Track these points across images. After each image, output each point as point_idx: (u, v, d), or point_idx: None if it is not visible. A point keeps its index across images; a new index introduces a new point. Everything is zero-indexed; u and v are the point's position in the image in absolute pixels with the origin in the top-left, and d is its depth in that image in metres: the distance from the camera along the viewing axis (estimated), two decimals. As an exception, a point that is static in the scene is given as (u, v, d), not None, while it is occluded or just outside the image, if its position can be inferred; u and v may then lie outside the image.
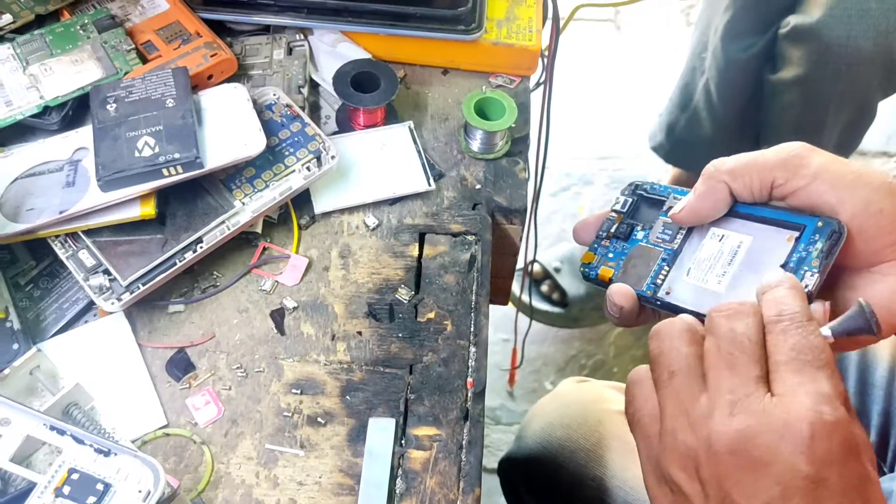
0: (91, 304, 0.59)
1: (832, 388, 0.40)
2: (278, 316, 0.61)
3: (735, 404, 0.41)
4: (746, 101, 1.37)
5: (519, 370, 1.56)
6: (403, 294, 0.62)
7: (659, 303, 0.52)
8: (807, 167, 0.49)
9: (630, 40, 2.04)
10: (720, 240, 0.52)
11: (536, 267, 1.50)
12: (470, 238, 0.66)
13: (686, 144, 1.48)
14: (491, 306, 0.64)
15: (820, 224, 0.48)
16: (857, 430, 0.41)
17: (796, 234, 0.49)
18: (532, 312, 1.41)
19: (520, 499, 0.91)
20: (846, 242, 0.48)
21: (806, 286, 0.47)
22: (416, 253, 0.65)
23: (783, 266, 0.49)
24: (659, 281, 0.53)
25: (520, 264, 0.89)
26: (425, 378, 0.59)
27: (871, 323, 0.42)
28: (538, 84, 0.80)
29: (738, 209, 0.52)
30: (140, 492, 0.48)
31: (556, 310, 1.52)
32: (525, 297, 1.37)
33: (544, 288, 1.53)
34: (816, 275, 0.47)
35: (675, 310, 0.51)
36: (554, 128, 0.84)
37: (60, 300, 0.59)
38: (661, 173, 1.72)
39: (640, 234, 0.56)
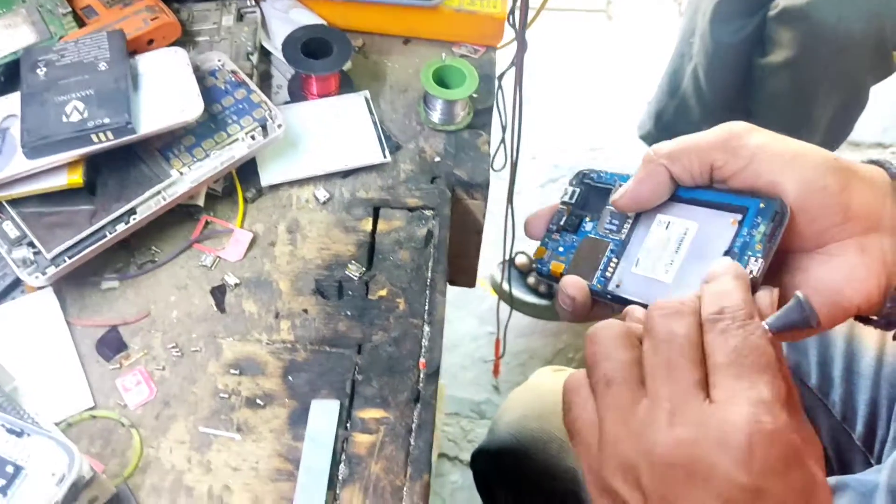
0: (19, 281, 0.56)
1: (773, 393, 0.38)
2: (219, 293, 0.57)
3: (674, 413, 0.39)
4: (735, 86, 1.33)
5: (505, 364, 1.53)
6: (354, 270, 0.59)
7: (610, 296, 0.49)
8: (745, 147, 0.45)
9: (621, 31, 2.00)
10: (666, 227, 0.48)
11: (523, 258, 1.47)
12: (427, 213, 0.62)
13: (674, 132, 1.43)
14: (475, 295, 0.60)
15: (762, 205, 0.45)
16: (803, 433, 0.39)
17: (739, 216, 0.46)
18: (513, 302, 1.38)
19: (492, 492, 0.87)
20: (791, 224, 0.45)
21: (750, 272, 0.43)
22: (369, 228, 0.61)
23: (727, 252, 0.45)
24: (608, 273, 0.49)
25: (500, 255, 0.86)
26: (374, 358, 0.56)
27: (808, 317, 0.40)
28: (511, 64, 0.76)
29: (682, 194, 0.48)
30: (53, 475, 0.45)
31: (543, 302, 1.49)
32: (506, 286, 1.34)
33: (531, 280, 1.49)
34: (760, 260, 0.44)
35: (626, 303, 0.47)
36: (542, 119, 0.81)
37: (-14, 275, 0.55)
38: (651, 163, 1.69)
39: (588, 226, 0.52)
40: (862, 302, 0.45)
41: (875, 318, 0.47)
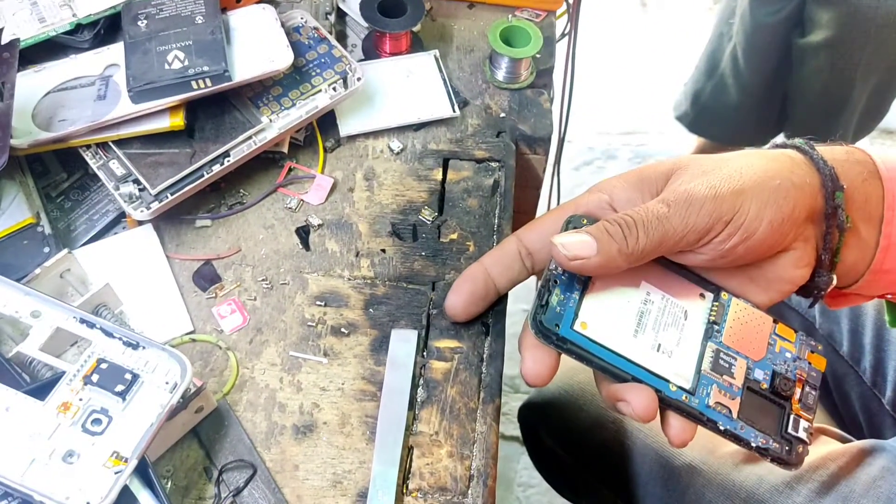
0: (120, 218, 0.60)
1: None
2: (303, 232, 0.61)
3: None
4: (774, 67, 1.35)
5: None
6: (427, 215, 0.63)
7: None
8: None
9: (656, 17, 2.03)
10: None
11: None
12: (493, 164, 0.66)
13: (711, 112, 1.48)
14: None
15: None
16: None
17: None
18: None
19: (539, 441, 0.91)
20: (757, 249, 0.50)
21: None
22: (439, 177, 0.65)
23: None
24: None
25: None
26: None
27: None
28: (563, 35, 0.80)
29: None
30: (167, 384, 0.49)
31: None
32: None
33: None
34: None
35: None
36: (577, 102, 0.85)
37: (90, 212, 0.60)
38: (685, 147, 1.71)
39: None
40: (804, 279, 0.53)
41: (805, 286, 0.54)
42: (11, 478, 0.43)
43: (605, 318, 0.50)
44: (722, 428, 0.49)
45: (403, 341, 0.57)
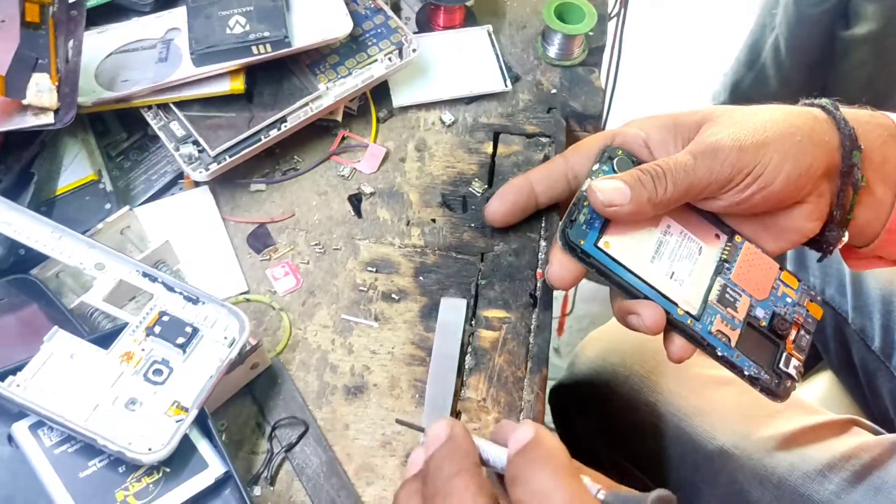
0: (177, 179, 0.61)
1: None
2: (356, 200, 0.62)
3: None
4: (816, 59, 1.35)
5: (567, 328, 1.56)
6: (477, 187, 0.63)
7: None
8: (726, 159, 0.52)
9: (694, 4, 2.01)
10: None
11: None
12: (544, 140, 0.66)
13: (750, 103, 1.46)
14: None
15: None
16: None
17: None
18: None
19: (570, 421, 0.92)
20: (773, 201, 0.53)
21: None
22: (489, 150, 0.66)
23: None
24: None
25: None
26: (496, 266, 0.60)
27: None
28: (612, 15, 0.80)
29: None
30: (226, 339, 0.50)
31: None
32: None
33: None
34: None
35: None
36: (620, 82, 0.85)
37: (149, 172, 0.61)
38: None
39: None
40: (814, 232, 0.55)
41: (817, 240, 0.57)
42: (76, 421, 0.45)
43: (627, 241, 0.54)
44: (719, 354, 0.54)
45: (453, 309, 0.58)
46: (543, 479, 0.36)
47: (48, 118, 0.53)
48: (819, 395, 1.02)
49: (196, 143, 0.58)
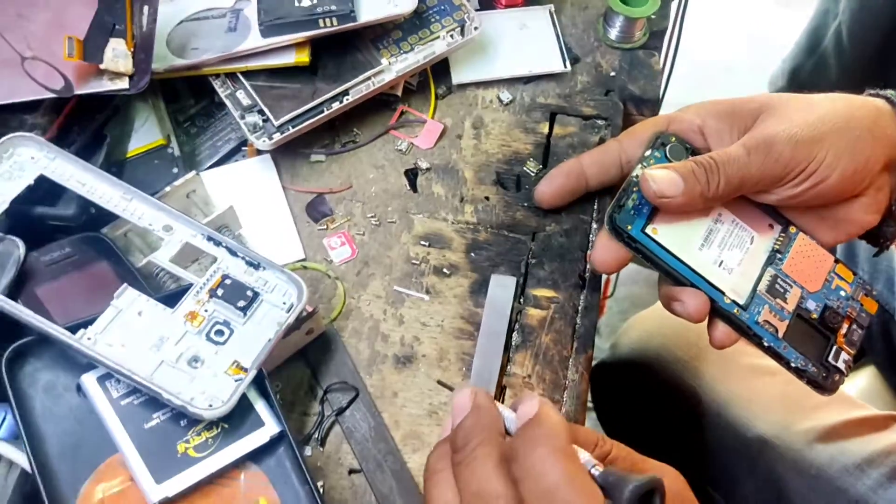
0: (240, 147, 0.63)
1: None
2: (412, 175, 0.63)
3: None
4: (879, 48, 1.31)
5: (607, 310, 1.56)
6: (531, 167, 0.64)
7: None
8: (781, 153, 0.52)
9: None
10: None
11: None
12: (600, 122, 0.67)
13: (809, 91, 1.44)
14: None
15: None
16: None
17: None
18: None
19: (609, 402, 0.93)
20: (831, 193, 0.53)
21: None
22: (545, 131, 0.66)
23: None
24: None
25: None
26: (546, 245, 0.61)
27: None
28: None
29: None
30: (284, 304, 0.52)
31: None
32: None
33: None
34: None
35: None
36: (674, 72, 0.84)
37: (214, 139, 0.63)
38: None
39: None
40: (871, 225, 0.55)
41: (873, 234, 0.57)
42: (142, 375, 0.47)
43: (675, 228, 0.54)
44: (766, 344, 0.54)
45: (502, 286, 0.59)
46: (540, 458, 0.37)
47: (123, 83, 0.55)
48: (862, 389, 1.02)
49: (261, 112, 0.60)
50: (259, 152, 0.62)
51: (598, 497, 0.37)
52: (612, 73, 0.69)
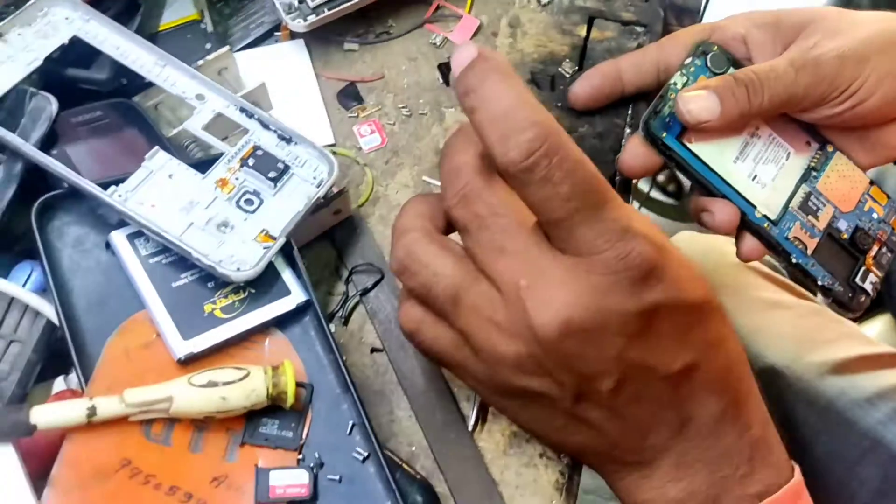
0: (273, 31, 0.62)
1: (622, 221, 0.35)
2: (445, 68, 0.63)
3: (536, 289, 0.36)
4: (917, -1, 1.29)
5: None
6: (567, 68, 0.63)
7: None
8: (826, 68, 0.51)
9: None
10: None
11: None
12: (639, 29, 0.65)
13: (858, 8, 1.41)
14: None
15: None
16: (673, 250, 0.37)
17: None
18: (644, 199, 1.40)
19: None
20: (867, 111, 0.51)
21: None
22: (583, 34, 0.65)
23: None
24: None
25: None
26: (579, 146, 0.60)
27: None
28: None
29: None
30: (314, 179, 0.51)
31: (669, 201, 1.51)
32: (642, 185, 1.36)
33: (661, 178, 1.51)
34: None
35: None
36: None
37: (247, 21, 0.62)
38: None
39: None
40: None
41: None
42: (172, 233, 0.47)
43: (711, 140, 0.53)
44: (794, 261, 0.53)
45: (533, 182, 0.58)
46: (492, 84, 0.36)
47: (161, -52, 0.54)
48: (877, 334, 1.02)
49: (297, -8, 0.59)
50: (293, 36, 0.61)
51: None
52: (654, -20, 0.68)
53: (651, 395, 0.39)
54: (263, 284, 0.48)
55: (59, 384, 0.47)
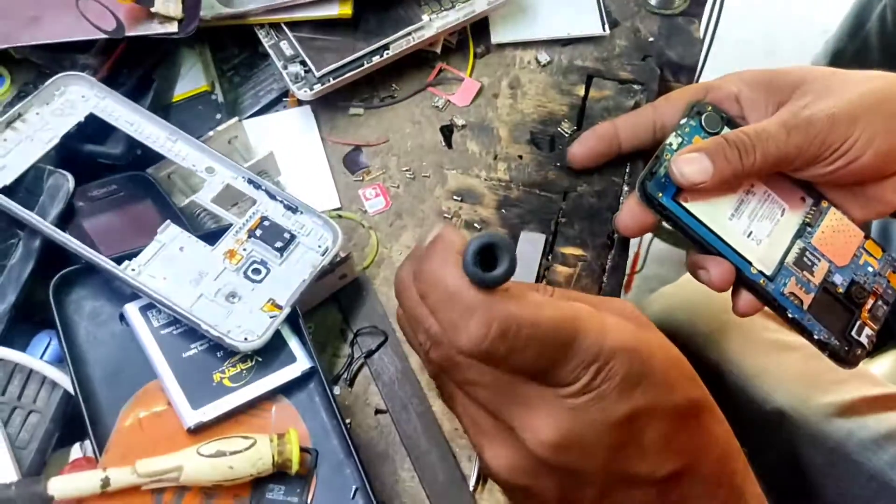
0: (281, 97, 0.65)
1: (594, 348, 0.35)
2: (447, 131, 0.65)
3: (522, 420, 0.37)
4: (924, 32, 1.29)
5: (635, 287, 1.55)
6: (565, 128, 0.65)
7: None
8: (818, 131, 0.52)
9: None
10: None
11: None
12: (636, 87, 0.67)
13: (850, 73, 1.42)
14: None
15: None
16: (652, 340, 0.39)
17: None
18: (658, 230, 1.41)
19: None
20: (860, 168, 0.52)
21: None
22: (581, 93, 0.67)
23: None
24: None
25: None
26: (577, 205, 0.62)
27: None
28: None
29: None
30: (320, 247, 0.54)
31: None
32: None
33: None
34: None
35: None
36: (715, 41, 0.84)
37: (256, 88, 0.65)
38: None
39: None
40: None
41: None
42: (182, 306, 0.49)
43: (706, 197, 0.54)
44: (790, 315, 0.54)
45: (531, 243, 0.60)
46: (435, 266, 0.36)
47: (172, 27, 0.56)
48: (886, 372, 1.02)
49: (303, 63, 0.61)
50: (300, 103, 0.64)
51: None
52: (651, 39, 0.69)
53: (638, 503, 0.39)
54: (270, 352, 0.50)
55: (75, 451, 0.49)
